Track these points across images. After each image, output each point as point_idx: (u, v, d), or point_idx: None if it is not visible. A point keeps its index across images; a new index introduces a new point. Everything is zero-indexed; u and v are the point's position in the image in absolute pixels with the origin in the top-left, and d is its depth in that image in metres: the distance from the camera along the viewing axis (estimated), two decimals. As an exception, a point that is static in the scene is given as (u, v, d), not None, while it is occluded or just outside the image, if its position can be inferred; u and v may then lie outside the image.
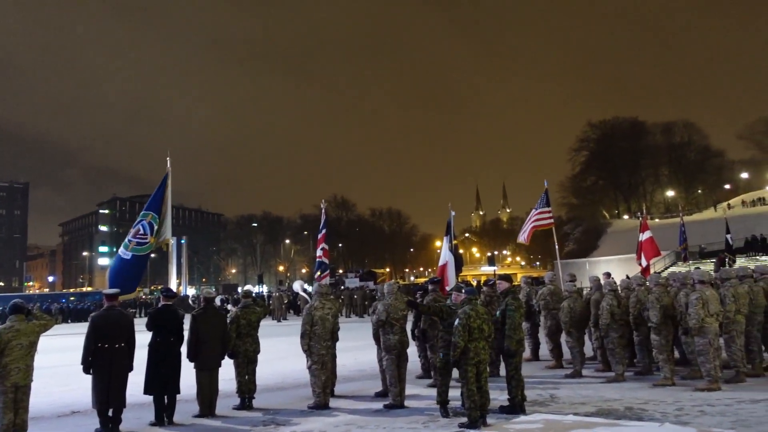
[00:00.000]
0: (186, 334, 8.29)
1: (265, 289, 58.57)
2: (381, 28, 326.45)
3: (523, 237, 16.25)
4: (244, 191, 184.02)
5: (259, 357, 9.08)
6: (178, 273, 53.58)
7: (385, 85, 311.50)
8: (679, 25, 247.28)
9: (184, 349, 8.18)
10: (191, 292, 54.17)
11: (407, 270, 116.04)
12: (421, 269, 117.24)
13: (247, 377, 8.71)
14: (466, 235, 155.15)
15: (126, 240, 11.52)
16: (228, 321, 8.75)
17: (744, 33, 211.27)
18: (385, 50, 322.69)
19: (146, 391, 7.85)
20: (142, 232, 11.50)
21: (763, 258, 36.12)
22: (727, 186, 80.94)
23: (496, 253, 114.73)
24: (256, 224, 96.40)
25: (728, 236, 30.78)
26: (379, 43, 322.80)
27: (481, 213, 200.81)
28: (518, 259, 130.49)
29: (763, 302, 9.95)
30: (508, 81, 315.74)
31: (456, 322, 7.08)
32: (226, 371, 8.75)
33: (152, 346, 7.93)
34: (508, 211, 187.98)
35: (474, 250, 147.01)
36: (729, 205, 64.78)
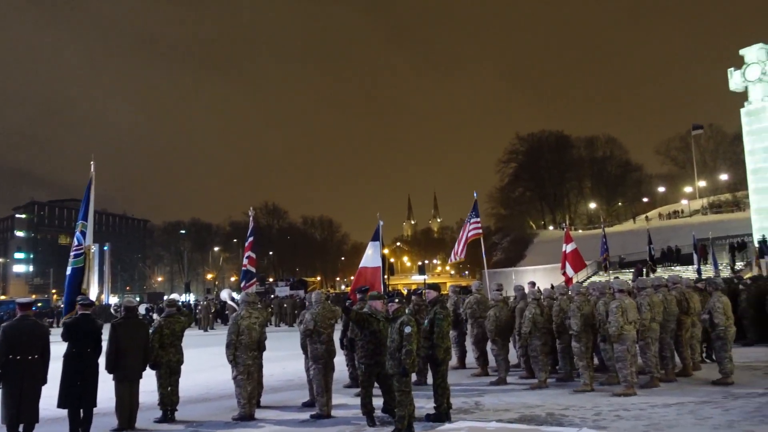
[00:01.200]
0: (105, 344, 7.98)
1: (192, 297, 57.14)
2: (314, 31, 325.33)
3: (455, 257, 16.42)
4: (172, 197, 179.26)
5: (183, 368, 8.84)
6: (100, 281, 51.74)
7: (317, 89, 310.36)
8: (606, 43, 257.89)
9: (102, 361, 7.88)
10: (114, 300, 52.26)
11: (338, 279, 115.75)
12: (352, 278, 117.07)
13: (169, 389, 8.47)
14: (398, 244, 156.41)
15: (71, 254, 11.12)
16: (151, 331, 8.49)
17: (664, 54, 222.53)
18: (317, 53, 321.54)
19: (60, 405, 7.49)
20: (77, 243, 11.09)
21: (677, 268, 37.94)
22: (646, 199, 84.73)
23: (426, 262, 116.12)
24: (183, 231, 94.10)
25: (650, 246, 32.14)
26: (311, 45, 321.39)
27: (412, 222, 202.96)
28: (448, 268, 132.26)
29: (676, 310, 10.45)
30: (442, 89, 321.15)
31: (407, 329, 7.05)
32: (148, 383, 8.48)
33: (67, 358, 7.57)
34: (439, 220, 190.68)
35: (405, 259, 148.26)
36: (647, 217, 67.74)
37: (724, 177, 71.74)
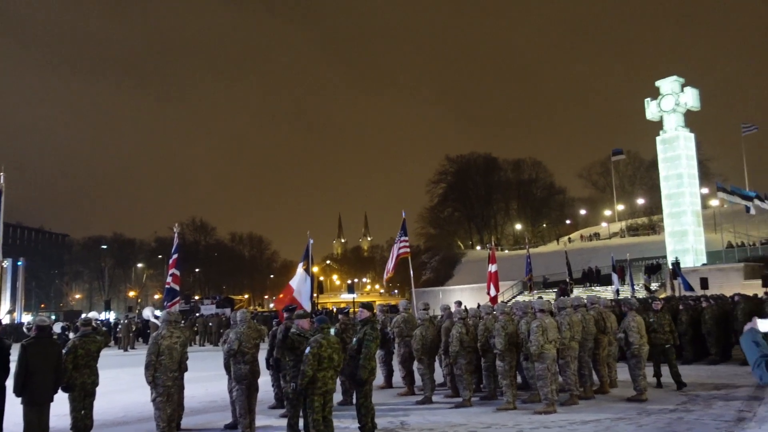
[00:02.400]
0: (13, 365, 7.55)
1: (112, 316, 54.96)
2: (243, 42, 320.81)
3: (386, 273, 16.64)
4: (93, 211, 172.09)
5: (100, 389, 8.47)
6: (13, 298, 49.06)
7: (246, 102, 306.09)
8: (534, 69, 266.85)
9: (10, 383, 7.45)
10: (26, 319, 49.60)
11: (267, 297, 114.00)
12: (282, 296, 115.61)
13: (83, 412, 8.08)
14: (328, 262, 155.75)
15: None
16: (64, 351, 8.10)
17: (588, 82, 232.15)
18: (246, 65, 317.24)
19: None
20: None
21: (597, 288, 39.33)
22: (569, 221, 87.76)
23: (356, 280, 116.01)
24: (105, 246, 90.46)
25: (568, 267, 33.25)
26: (240, 57, 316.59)
27: (342, 241, 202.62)
28: (377, 287, 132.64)
29: (593, 330, 10.81)
30: (375, 107, 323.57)
31: (307, 350, 6.98)
32: (60, 406, 8.08)
33: (-29, 380, 7.14)
34: (369, 239, 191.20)
35: (335, 277, 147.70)
36: (569, 239, 70.03)
37: (641, 201, 75.20)
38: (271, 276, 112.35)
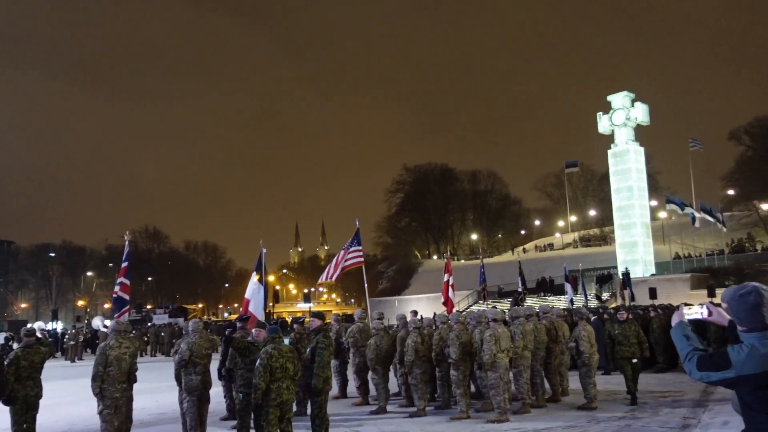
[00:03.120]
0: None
1: (60, 325, 53.32)
2: (200, 44, 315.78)
3: (326, 277, 16.23)
4: (40, 217, 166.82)
5: (45, 402, 8.20)
6: (-47, 307, 47.03)
7: (202, 106, 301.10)
8: (490, 81, 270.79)
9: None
10: (-32, 329, 47.71)
11: (221, 306, 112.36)
12: (236, 305, 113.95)
13: (25, 426, 7.80)
14: (284, 271, 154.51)
15: None
16: (6, 362, 7.81)
17: (544, 95, 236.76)
18: (202, 68, 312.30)
19: None
20: None
21: (550, 298, 39.96)
22: (523, 232, 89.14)
23: (312, 290, 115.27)
24: (53, 254, 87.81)
25: (521, 277, 33.73)
26: (197, 60, 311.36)
27: (299, 249, 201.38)
28: (334, 296, 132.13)
29: (545, 339, 10.99)
30: (333, 115, 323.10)
31: (257, 363, 6.87)
32: (1, 420, 7.79)
33: None
34: (326, 248, 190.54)
35: (291, 286, 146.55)
36: (524, 249, 71.08)
37: (593, 213, 76.93)
38: (226, 285, 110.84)
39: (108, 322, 11.11)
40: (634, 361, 10.71)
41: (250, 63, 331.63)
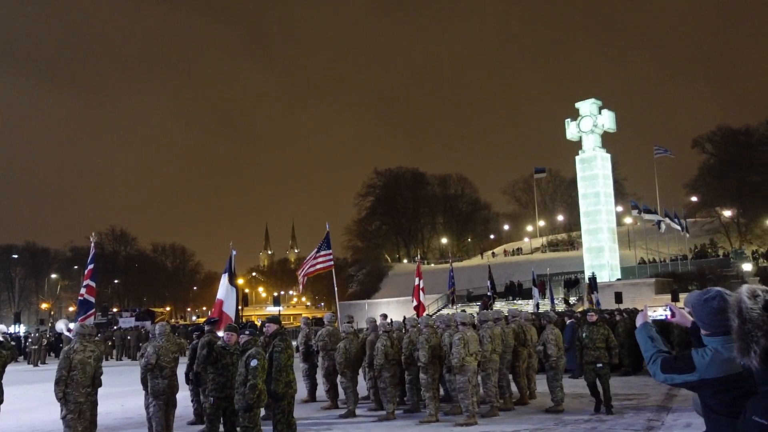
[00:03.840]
0: None
1: (22, 329, 52.10)
2: (165, 42, 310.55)
3: (301, 279, 16.24)
4: (3, 217, 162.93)
5: (6, 407, 8.07)
6: None
7: (168, 104, 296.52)
8: (460, 85, 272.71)
9: None
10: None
11: (189, 309, 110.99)
12: (205, 308, 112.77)
13: (-15, 431, 7.63)
14: (254, 274, 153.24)
15: None
16: (-34, 367, 7.63)
17: (513, 100, 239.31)
18: (168, 66, 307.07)
19: None
20: None
21: (519, 302, 40.33)
22: (492, 236, 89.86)
23: (282, 293, 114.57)
24: (16, 255, 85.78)
25: (490, 281, 34.05)
26: (162, 58, 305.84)
27: (269, 252, 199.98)
28: (304, 299, 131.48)
29: (512, 342, 11.10)
30: (304, 115, 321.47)
31: (253, 363, 6.84)
32: (-41, 425, 7.60)
33: None
34: (296, 251, 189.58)
35: (260, 289, 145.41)
36: (493, 253, 71.63)
37: (561, 218, 77.90)
38: (194, 288, 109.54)
39: (72, 326, 10.90)
40: (599, 365, 10.08)
41: (218, 65, 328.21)
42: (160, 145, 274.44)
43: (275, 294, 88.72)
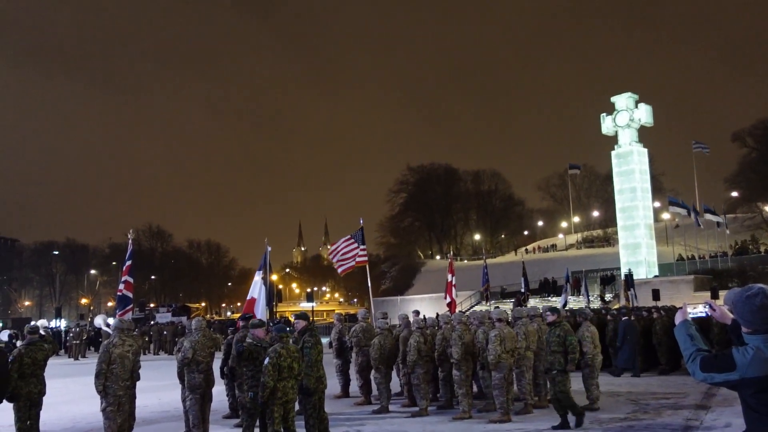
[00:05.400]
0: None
1: (63, 323, 53.45)
2: (196, 35, 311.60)
3: (341, 267, 15.84)
4: (44, 215, 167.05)
5: (48, 399, 8.25)
6: (-42, 304, 47.14)
7: (201, 99, 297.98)
8: (495, 79, 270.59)
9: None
10: (-28, 326, 47.92)
11: (224, 305, 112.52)
12: (239, 304, 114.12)
13: (29, 423, 7.83)
14: (287, 270, 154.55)
15: None
16: (9, 359, 7.84)
17: (548, 94, 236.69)
18: (203, 63, 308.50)
19: None
20: None
21: (553, 299, 39.92)
22: (526, 232, 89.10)
23: (315, 289, 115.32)
24: (57, 252, 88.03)
25: (524, 278, 33.72)
26: (193, 51, 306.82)
27: (302, 249, 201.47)
28: (337, 295, 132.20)
29: (549, 339, 10.96)
30: (336, 110, 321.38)
31: (266, 361, 6.93)
32: (5, 416, 7.82)
33: None
34: (329, 247, 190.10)
35: (294, 285, 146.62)
36: (527, 249, 71.03)
37: (596, 214, 76.86)
38: (229, 284, 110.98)
39: (110, 321, 11.15)
40: (553, 372, 8.85)
41: (250, 58, 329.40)
42: (194, 141, 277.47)
43: (308, 290, 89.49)
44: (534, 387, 10.54)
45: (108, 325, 15.78)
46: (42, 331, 8.67)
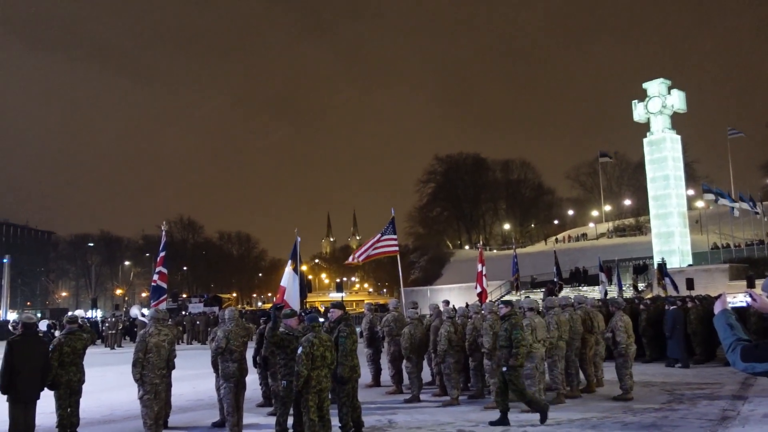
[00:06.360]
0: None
1: (98, 314, 54.63)
2: (225, 24, 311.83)
3: (356, 258, 15.79)
4: (79, 208, 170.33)
5: (86, 387, 8.44)
6: (-2, 295, 48.48)
7: (230, 89, 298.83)
8: (523, 68, 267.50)
9: (-5, 380, 7.40)
10: (12, 316, 49.21)
11: (255, 295, 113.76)
12: (269, 294, 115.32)
13: (69, 410, 8.04)
14: (316, 261, 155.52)
15: None
16: (50, 348, 8.05)
17: (577, 82, 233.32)
18: (230, 49, 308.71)
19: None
20: None
21: (584, 289, 39.55)
22: (556, 221, 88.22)
23: (344, 279, 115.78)
24: (92, 244, 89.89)
25: (556, 267, 33.45)
26: (224, 40, 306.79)
27: (331, 239, 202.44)
28: (366, 285, 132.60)
29: (581, 329, 10.88)
30: (364, 100, 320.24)
31: (299, 351, 7.01)
32: (46, 404, 8.03)
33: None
34: (358, 238, 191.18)
35: (323, 276, 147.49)
36: (557, 239, 70.38)
37: (627, 202, 75.75)
38: (259, 274, 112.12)
39: (145, 311, 11.36)
40: (504, 369, 8.58)
41: (278, 47, 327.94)
42: (223, 132, 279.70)
43: (338, 280, 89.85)
44: (566, 377, 10.47)
45: (143, 315, 16.11)
46: (80, 321, 8.87)
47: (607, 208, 75.68)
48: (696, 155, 72.01)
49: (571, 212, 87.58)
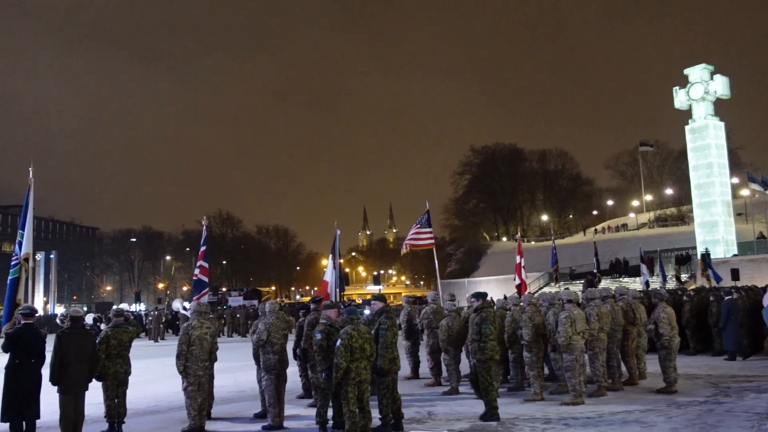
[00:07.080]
0: (49, 355, 7.74)
1: (142, 307, 55.90)
2: (262, 19, 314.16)
3: (406, 247, 16.02)
4: (122, 204, 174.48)
5: (132, 379, 8.64)
6: (46, 290, 50.03)
7: (265, 82, 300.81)
8: (559, 58, 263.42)
9: (46, 372, 7.64)
10: (60, 310, 50.69)
11: (293, 288, 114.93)
12: (307, 288, 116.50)
13: (116, 401, 8.25)
14: (353, 254, 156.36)
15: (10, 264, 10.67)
16: (97, 341, 8.27)
17: (616, 70, 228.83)
18: (264, 42, 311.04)
19: (2, 418, 7.24)
20: (15, 253, 10.69)
21: (625, 280, 38.90)
22: (595, 212, 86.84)
23: (381, 272, 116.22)
24: (134, 239, 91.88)
25: (596, 258, 33.01)
26: (261, 39, 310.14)
27: (368, 232, 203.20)
28: (403, 278, 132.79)
29: (622, 321, 10.72)
30: (400, 92, 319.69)
31: (338, 342, 7.07)
32: (94, 395, 8.26)
33: (9, 369, 7.33)
34: (394, 231, 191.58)
35: (360, 269, 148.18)
36: (596, 230, 69.32)
37: (669, 192, 74.10)
38: (297, 268, 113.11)
39: (187, 304, 11.61)
40: (474, 361, 8.52)
41: (313, 38, 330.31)
42: (260, 127, 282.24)
43: (375, 273, 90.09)
44: (608, 369, 10.33)
45: (185, 309, 16.41)
46: (125, 314, 9.09)
47: (648, 197, 74.18)
48: (740, 142, 70.15)
49: (610, 202, 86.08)
